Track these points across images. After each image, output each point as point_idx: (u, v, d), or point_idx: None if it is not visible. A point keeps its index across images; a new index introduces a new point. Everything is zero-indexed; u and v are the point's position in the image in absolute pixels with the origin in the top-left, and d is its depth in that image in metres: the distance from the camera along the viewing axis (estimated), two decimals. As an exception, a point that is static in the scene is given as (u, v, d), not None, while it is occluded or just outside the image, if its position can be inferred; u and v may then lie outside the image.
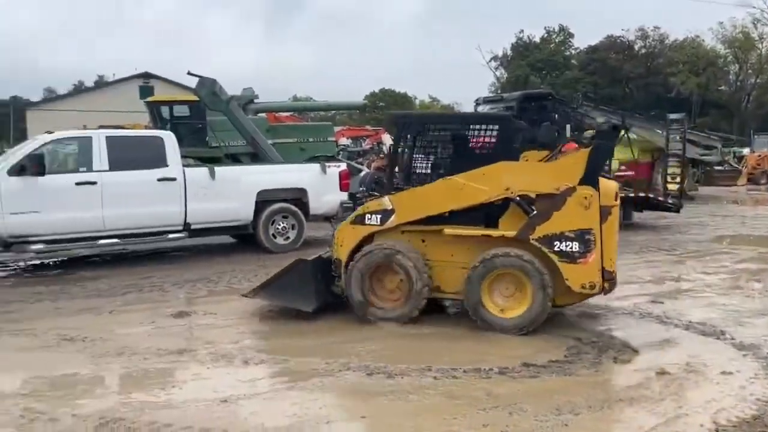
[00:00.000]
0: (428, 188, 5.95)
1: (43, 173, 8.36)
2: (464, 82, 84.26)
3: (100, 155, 8.79)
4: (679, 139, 13.94)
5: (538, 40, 61.23)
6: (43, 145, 8.72)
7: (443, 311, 6.35)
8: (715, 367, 4.81)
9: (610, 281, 5.66)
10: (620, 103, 42.41)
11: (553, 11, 64.22)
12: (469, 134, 6.22)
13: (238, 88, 17.06)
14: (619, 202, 5.83)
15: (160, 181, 9.11)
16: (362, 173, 15.29)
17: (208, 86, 12.64)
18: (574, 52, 61.39)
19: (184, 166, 9.50)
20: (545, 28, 62.53)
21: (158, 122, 15.84)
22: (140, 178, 9.00)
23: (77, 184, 8.63)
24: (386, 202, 5.98)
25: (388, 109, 55.70)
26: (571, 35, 61.63)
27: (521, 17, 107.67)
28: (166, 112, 16.15)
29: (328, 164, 10.94)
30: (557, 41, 62.12)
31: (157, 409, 4.11)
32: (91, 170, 8.77)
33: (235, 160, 14.42)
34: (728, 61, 55.25)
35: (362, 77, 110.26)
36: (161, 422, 3.85)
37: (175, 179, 9.20)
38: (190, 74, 13.21)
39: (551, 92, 15.43)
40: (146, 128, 15.51)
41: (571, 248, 5.49)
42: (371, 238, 6.04)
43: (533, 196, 5.60)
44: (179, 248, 10.51)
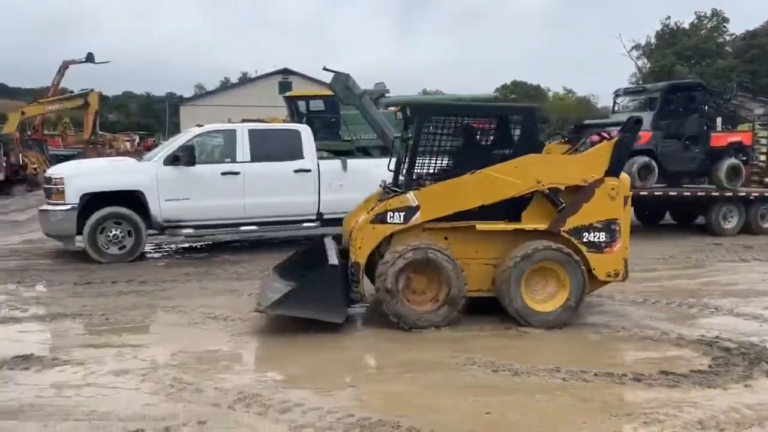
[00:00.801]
0: (457, 182, 5.66)
1: (193, 163, 9.06)
2: (602, 73, 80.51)
3: (243, 147, 9.39)
4: None
5: (686, 26, 56.78)
6: (193, 137, 9.47)
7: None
8: None
9: (627, 269, 5.86)
10: (782, 93, 38.29)
11: (704, -5, 59.10)
12: (492, 125, 6.03)
13: (370, 82, 17.43)
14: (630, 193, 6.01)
15: (296, 172, 9.55)
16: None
17: (342, 81, 13.01)
18: (728, 38, 56.26)
19: (318, 158, 9.88)
20: (696, 13, 57.80)
21: (295, 116, 16.55)
22: (278, 169, 9.49)
23: (222, 174, 9.28)
24: (410, 198, 5.61)
25: (519, 101, 54.35)
26: (725, 20, 56.52)
27: (667, 3, 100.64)
28: (302, 106, 16.84)
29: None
30: (709, 27, 57.25)
31: (288, 388, 4.32)
32: (234, 161, 9.41)
33: (365, 153, 14.75)
34: None
35: (494, 70, 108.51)
36: (292, 401, 4.04)
37: (310, 171, 9.61)
38: (325, 70, 13.67)
39: (700, 82, 14.30)
40: (284, 122, 16.29)
41: (598, 238, 5.71)
42: (389, 239, 5.68)
43: (562, 188, 5.72)
44: (311, 237, 10.95)
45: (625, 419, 3.83)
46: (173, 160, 9.04)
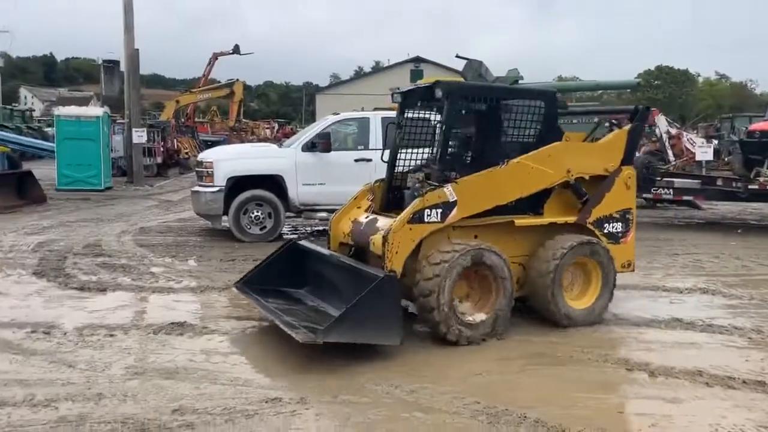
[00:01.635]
0: (493, 174, 5.11)
1: (329, 150, 9.43)
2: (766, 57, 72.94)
3: (375, 135, 9.62)
4: None
5: None
6: (329, 125, 9.84)
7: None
8: None
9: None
10: None
11: None
12: (514, 110, 5.52)
13: (503, 69, 17.12)
14: None
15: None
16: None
17: (474, 68, 12.93)
18: None
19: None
20: None
21: (426, 104, 16.62)
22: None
23: (355, 160, 9.57)
24: (447, 192, 4.94)
25: (664, 87, 50.79)
26: None
27: None
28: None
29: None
30: None
31: (416, 374, 4.43)
32: (367, 148, 9.66)
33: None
34: None
35: (636, 54, 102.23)
36: (420, 384, 4.12)
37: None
38: (458, 57, 13.65)
39: None
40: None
41: (616, 229, 5.61)
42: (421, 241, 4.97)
43: (587, 178, 5.52)
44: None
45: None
46: (311, 146, 9.46)
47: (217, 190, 9.34)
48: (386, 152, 5.91)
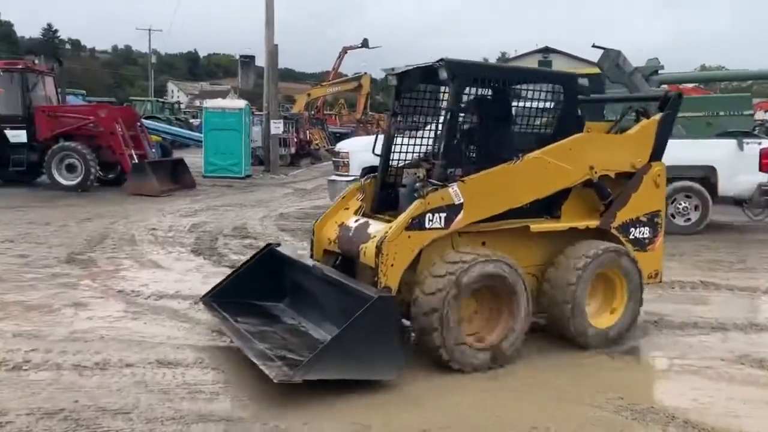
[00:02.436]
0: (508, 171, 4.33)
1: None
2: None
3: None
4: None
5: None
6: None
7: None
8: None
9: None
10: None
11: None
12: (530, 95, 4.72)
13: (641, 59, 16.31)
14: None
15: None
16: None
17: (612, 58, 12.44)
18: None
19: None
20: None
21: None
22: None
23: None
24: (453, 193, 4.17)
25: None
26: None
27: None
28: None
29: (746, 140, 9.71)
30: None
31: (560, 366, 4.44)
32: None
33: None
34: None
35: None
36: (565, 377, 4.14)
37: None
38: (594, 47, 13.16)
39: None
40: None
41: (643, 234, 4.91)
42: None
43: (612, 176, 4.76)
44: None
45: None
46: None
47: (352, 179, 9.72)
48: (379, 143, 4.99)
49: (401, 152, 4.99)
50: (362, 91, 32.00)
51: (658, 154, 4.90)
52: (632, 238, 4.84)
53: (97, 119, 14.22)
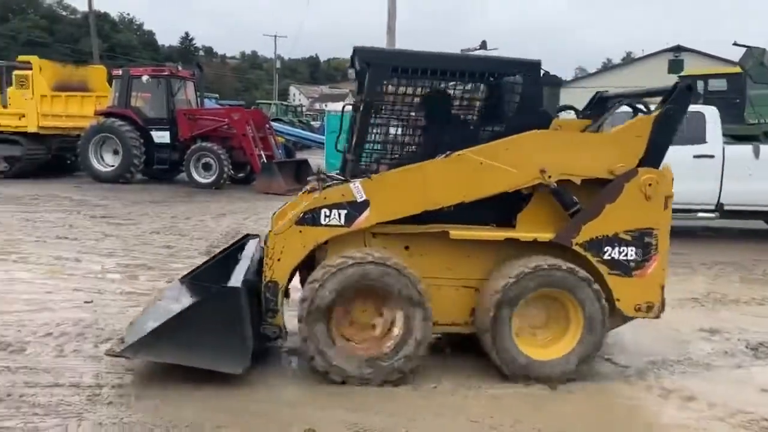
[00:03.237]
0: (424, 169, 3.93)
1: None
2: None
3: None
4: None
5: None
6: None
7: None
8: None
9: (664, 299, 4.10)
10: None
11: None
12: (473, 87, 4.24)
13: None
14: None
15: (695, 158, 8.91)
16: None
17: (755, 57, 11.58)
18: None
19: (724, 143, 9.05)
20: None
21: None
22: (675, 153, 8.95)
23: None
24: (356, 189, 3.90)
25: None
26: None
27: None
28: (700, 86, 15.47)
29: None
30: None
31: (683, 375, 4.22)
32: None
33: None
34: None
35: None
36: (694, 390, 3.94)
37: (712, 156, 8.86)
38: (736, 45, 12.31)
39: None
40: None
41: (626, 255, 4.00)
42: (325, 246, 3.99)
43: (578, 181, 3.98)
44: (708, 228, 10.18)
45: None
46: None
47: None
48: (340, 138, 4.68)
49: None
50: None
51: (652, 159, 4.01)
52: (607, 258, 4.00)
53: (231, 121, 15.19)
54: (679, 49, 37.77)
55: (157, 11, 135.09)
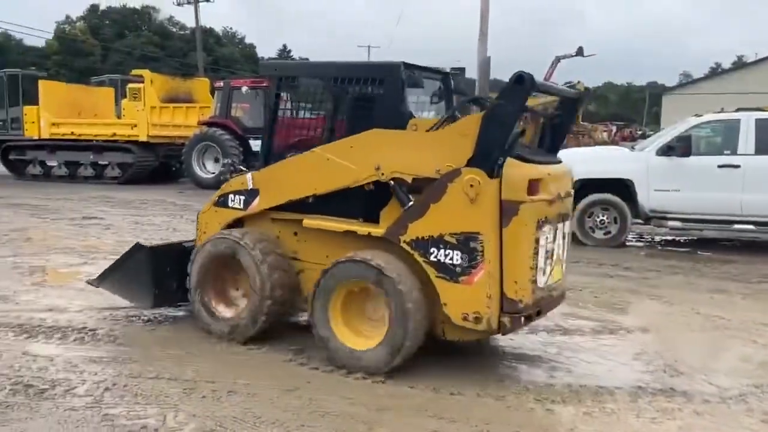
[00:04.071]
0: (291, 163, 4.58)
1: (688, 154, 8.80)
2: None
3: (746, 139, 8.67)
4: None
5: None
6: (690, 127, 9.17)
7: None
8: None
9: (514, 315, 3.86)
10: None
11: None
12: (348, 90, 4.60)
13: None
14: (551, 197, 4.01)
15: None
16: None
17: None
18: None
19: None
20: None
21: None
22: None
23: (719, 166, 8.74)
24: (248, 179, 4.71)
25: None
26: None
27: None
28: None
29: None
30: None
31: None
32: (735, 153, 8.75)
33: None
34: None
35: None
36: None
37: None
38: None
39: None
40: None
41: (451, 260, 3.87)
42: (241, 225, 4.86)
43: (409, 180, 4.04)
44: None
45: None
46: (666, 150, 8.96)
47: (564, 191, 9.49)
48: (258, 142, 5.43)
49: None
50: (575, 100, 30.88)
51: (482, 159, 3.81)
52: (434, 260, 3.94)
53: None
54: (796, 51, 35.07)
55: (257, 24, 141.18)
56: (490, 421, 3.53)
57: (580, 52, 31.80)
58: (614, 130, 43.02)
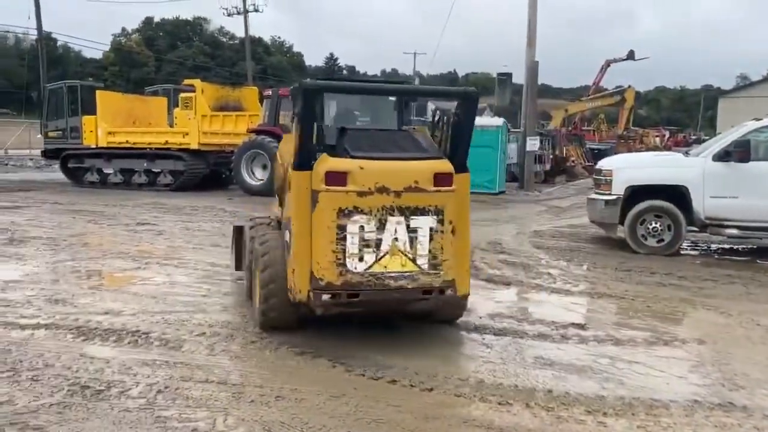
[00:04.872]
0: None
1: (747, 160, 8.48)
2: None
3: (811, 144, 8.30)
4: None
5: None
6: (749, 132, 8.83)
7: None
8: None
9: (316, 291, 4.29)
10: None
11: None
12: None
13: None
14: (363, 189, 4.20)
15: None
16: None
17: None
18: None
19: None
20: None
21: None
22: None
23: (780, 172, 8.40)
24: None
25: None
26: None
27: None
28: None
29: None
30: None
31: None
32: (798, 159, 8.39)
33: None
34: None
35: None
36: None
37: None
38: None
39: None
40: None
41: (288, 239, 4.67)
42: None
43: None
44: None
45: None
46: (723, 155, 8.66)
47: (614, 198, 9.27)
48: None
49: None
50: (625, 105, 30.37)
51: (299, 156, 4.53)
52: (286, 240, 4.86)
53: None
54: None
55: (305, 33, 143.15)
56: (539, 432, 3.47)
57: (631, 55, 31.15)
58: (666, 135, 41.94)
